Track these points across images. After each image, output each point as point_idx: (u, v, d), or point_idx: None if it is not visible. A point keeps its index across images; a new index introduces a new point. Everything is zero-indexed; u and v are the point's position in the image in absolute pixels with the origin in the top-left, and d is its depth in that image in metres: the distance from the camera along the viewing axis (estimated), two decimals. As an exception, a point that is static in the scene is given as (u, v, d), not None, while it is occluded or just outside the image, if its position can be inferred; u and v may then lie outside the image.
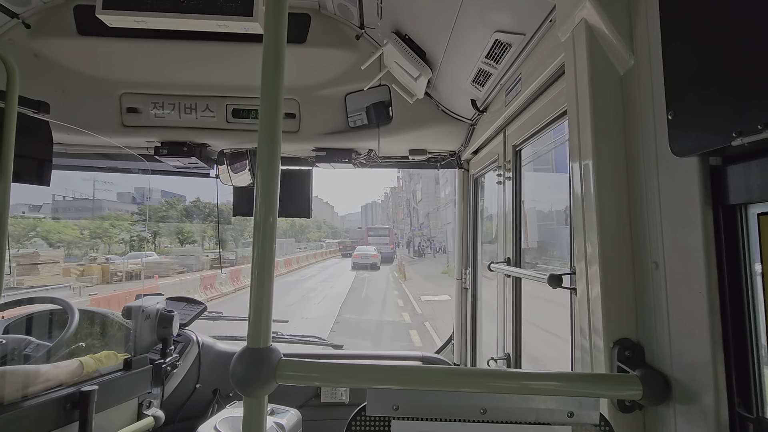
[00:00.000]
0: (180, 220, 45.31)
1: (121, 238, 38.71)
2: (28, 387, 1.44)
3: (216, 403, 2.28)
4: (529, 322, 1.80)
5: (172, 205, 46.53)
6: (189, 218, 46.25)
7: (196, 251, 32.08)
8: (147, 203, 49.13)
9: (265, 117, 0.72)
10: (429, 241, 49.41)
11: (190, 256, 30.14)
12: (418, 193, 56.68)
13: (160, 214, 44.85)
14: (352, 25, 2.12)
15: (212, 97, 2.24)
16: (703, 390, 0.67)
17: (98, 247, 36.71)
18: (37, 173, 1.66)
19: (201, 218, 46.15)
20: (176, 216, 45.60)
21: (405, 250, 51.66)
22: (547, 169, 3.06)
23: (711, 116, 0.60)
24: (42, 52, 2.08)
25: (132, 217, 44.89)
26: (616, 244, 0.86)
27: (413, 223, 59.89)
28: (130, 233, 38.89)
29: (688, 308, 0.71)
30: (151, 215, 44.12)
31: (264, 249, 0.70)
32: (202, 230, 46.26)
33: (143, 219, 42.95)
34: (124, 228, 39.23)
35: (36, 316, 2.01)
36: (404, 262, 33.82)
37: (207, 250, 41.65)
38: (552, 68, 1.20)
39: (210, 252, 37.20)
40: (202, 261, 29.31)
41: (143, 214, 45.14)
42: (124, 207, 54.54)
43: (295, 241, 64.94)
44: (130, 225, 40.71)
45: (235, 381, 0.68)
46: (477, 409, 0.73)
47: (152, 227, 43.22)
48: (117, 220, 42.12)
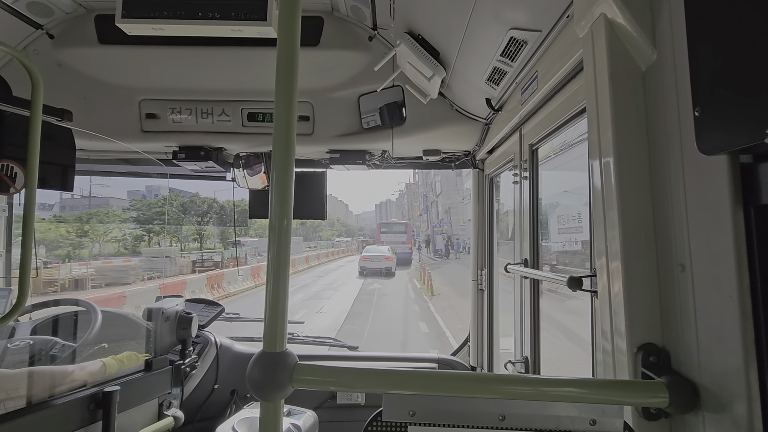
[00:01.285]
0: (176, 217, 42.01)
1: (113, 237, 35.81)
2: (54, 387, 1.49)
3: (234, 404, 2.31)
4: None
5: (169, 201, 42.44)
6: (186, 215, 43.06)
7: (170, 252, 26.24)
8: (150, 198, 46.23)
9: (280, 120, 0.72)
10: (449, 239, 42.51)
11: (164, 257, 24.73)
12: (438, 185, 50.37)
13: (155, 210, 40.64)
14: (364, 26, 2.12)
15: (228, 102, 2.28)
16: (734, 398, 0.64)
17: (83, 247, 34.08)
18: (61, 179, 1.71)
19: (198, 215, 42.69)
20: (173, 213, 41.57)
21: (423, 250, 45.04)
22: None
23: (741, 112, 0.57)
24: (65, 62, 2.15)
25: (124, 214, 41.48)
26: (639, 245, 0.83)
27: (432, 219, 52.87)
28: (122, 231, 35.96)
29: (718, 312, 0.68)
30: (144, 212, 40.84)
31: (279, 251, 0.70)
32: (191, 228, 42.70)
33: (138, 216, 39.06)
34: (115, 226, 36.21)
35: (61, 318, 2.07)
36: (425, 265, 27.46)
37: (189, 250, 36.37)
38: (569, 65, 1.18)
39: (191, 253, 32.87)
40: (179, 264, 24.96)
41: (138, 210, 41.16)
42: (123, 204, 52.15)
43: (304, 239, 62.49)
44: (120, 222, 37.67)
45: (252, 385, 0.69)
46: (495, 416, 0.71)
47: (138, 225, 39.90)
48: (107, 217, 38.91)
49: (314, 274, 26.74)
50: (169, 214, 40.97)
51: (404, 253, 34.35)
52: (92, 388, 1.57)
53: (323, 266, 32.69)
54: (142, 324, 2.04)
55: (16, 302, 1.38)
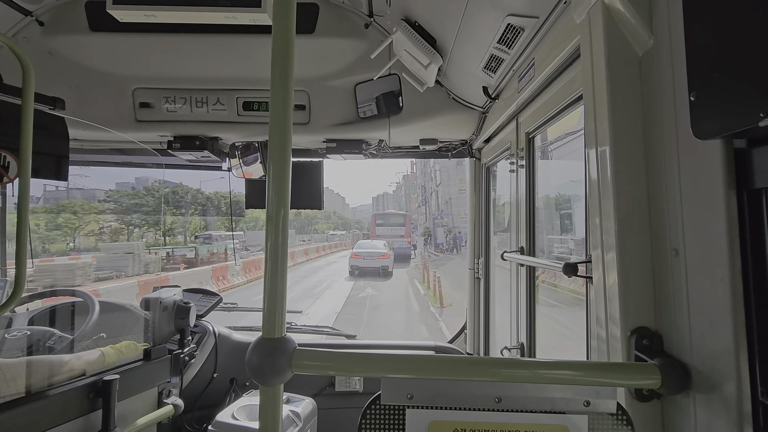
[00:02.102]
0: (157, 208, 38.03)
1: (90, 230, 32.31)
2: (53, 376, 1.49)
3: (233, 392, 2.33)
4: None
5: (150, 192, 38.21)
6: (168, 206, 39.26)
7: (133, 247, 21.72)
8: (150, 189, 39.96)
9: (276, 109, 0.72)
10: (449, 231, 39.36)
11: (126, 254, 20.33)
12: (438, 174, 46.48)
13: (134, 201, 37.05)
14: (360, 13, 2.10)
15: (223, 90, 2.25)
16: (724, 379, 0.66)
17: (53, 242, 30.72)
18: (55, 169, 1.70)
19: (182, 207, 39.54)
20: (153, 204, 37.43)
21: (423, 244, 39.05)
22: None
23: (737, 96, 0.58)
24: (56, 49, 2.11)
25: (101, 206, 37.08)
26: (634, 231, 0.84)
27: (431, 210, 48.96)
28: (99, 224, 32.64)
29: (710, 296, 0.69)
30: (121, 203, 37.24)
31: (277, 240, 0.70)
32: (176, 221, 39.30)
33: (116, 209, 35.37)
34: (90, 219, 32.74)
35: (59, 308, 2.07)
36: (428, 262, 22.93)
37: (157, 246, 31.34)
38: (567, 52, 1.17)
39: (159, 248, 28.42)
40: (143, 261, 20.89)
41: (117, 202, 37.17)
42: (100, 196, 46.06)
43: (296, 233, 58.89)
44: (96, 215, 34.07)
45: (251, 370, 0.69)
46: (492, 398, 0.73)
47: (116, 217, 35.84)
48: (81, 208, 34.86)
49: (297, 274, 22.08)
50: (149, 206, 37.49)
51: (403, 248, 30.34)
52: (91, 377, 1.58)
53: (311, 263, 27.87)
54: (139, 314, 2.04)
55: (12, 292, 1.38)
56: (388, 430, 0.75)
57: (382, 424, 0.75)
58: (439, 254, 33.94)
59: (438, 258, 31.06)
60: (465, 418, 0.73)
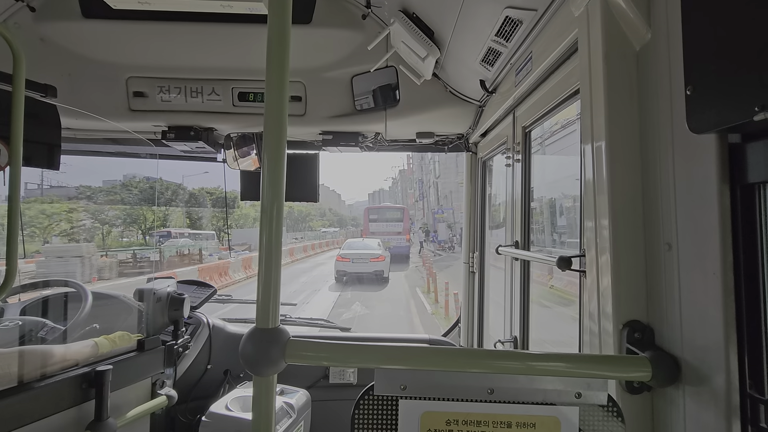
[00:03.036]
0: (136, 204, 34.42)
1: (62, 229, 28.22)
2: (45, 366, 1.49)
3: (227, 383, 2.34)
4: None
5: (127, 187, 34.47)
6: (147, 202, 35.04)
7: (81, 250, 17.22)
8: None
9: (271, 100, 0.71)
10: (451, 227, 34.70)
11: (72, 258, 16.59)
12: (437, 167, 42.83)
13: (110, 197, 32.89)
14: (358, 4, 2.08)
15: (218, 80, 2.23)
16: (714, 372, 0.67)
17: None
18: (47, 157, 1.68)
19: (161, 202, 35.57)
20: (132, 200, 33.56)
21: (422, 242, 34.12)
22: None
23: (732, 90, 0.58)
24: (47, 36, 2.07)
25: (73, 203, 32.76)
26: (628, 226, 0.84)
27: (431, 204, 44.35)
28: (71, 223, 28.80)
29: (701, 290, 0.69)
30: (95, 200, 32.74)
31: (272, 232, 0.70)
32: (140, 215, 34.16)
33: (88, 206, 31.73)
34: (60, 217, 28.71)
35: (51, 299, 2.06)
36: (431, 263, 19.15)
37: (108, 248, 26.44)
38: (564, 45, 1.17)
39: (119, 250, 24.04)
40: (95, 265, 17.48)
41: (90, 198, 32.50)
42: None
43: (287, 230, 54.92)
44: (67, 213, 29.92)
45: (245, 360, 0.69)
46: (484, 390, 0.73)
47: (89, 215, 31.62)
48: (50, 206, 30.13)
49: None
50: (126, 203, 34.14)
51: (400, 246, 26.21)
52: (84, 367, 1.58)
53: (295, 266, 23.89)
54: (133, 305, 2.03)
55: (3, 282, 1.37)
56: (381, 420, 0.75)
57: (376, 415, 0.75)
58: (441, 253, 29.20)
59: (441, 258, 26.41)
60: (457, 409, 0.74)
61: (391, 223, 28.03)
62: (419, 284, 16.65)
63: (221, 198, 37.45)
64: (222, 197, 39.04)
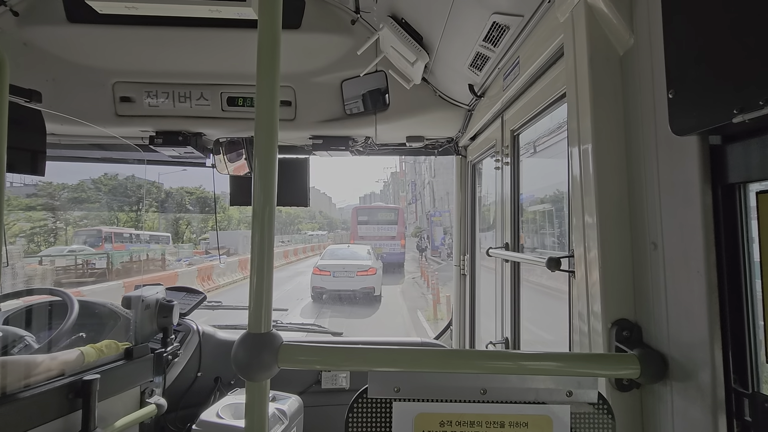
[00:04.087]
0: (107, 204, 31.14)
1: (17, 231, 24.67)
2: (29, 377, 1.45)
3: (218, 391, 2.30)
4: None
5: (97, 185, 30.37)
6: (117, 202, 31.89)
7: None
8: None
9: (261, 105, 0.71)
10: (447, 232, 28.47)
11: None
12: (433, 165, 36.72)
13: (75, 195, 29.26)
14: (347, 9, 2.09)
15: (207, 85, 2.21)
16: (699, 368, 0.68)
17: None
18: (31, 164, 1.64)
19: (129, 203, 32.09)
20: (102, 200, 30.61)
21: (426, 247, 28.11)
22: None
23: (712, 93, 0.60)
24: (31, 41, 2.04)
25: (31, 201, 28.49)
26: (615, 226, 0.86)
27: (426, 206, 39.84)
28: (32, 223, 25.85)
29: (686, 288, 0.71)
30: (58, 198, 29.02)
31: (263, 237, 0.70)
32: (107, 217, 30.97)
33: (46, 205, 28.04)
34: (18, 218, 25.16)
35: (35, 308, 2.01)
36: (431, 277, 13.91)
37: (35, 252, 21.97)
38: (551, 50, 1.19)
39: (56, 256, 19.32)
40: (23, 274, 14.05)
41: (52, 197, 28.58)
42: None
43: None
44: (27, 212, 26.59)
45: (237, 365, 0.69)
46: (477, 390, 0.74)
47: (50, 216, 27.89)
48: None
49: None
50: (91, 201, 30.66)
51: (394, 253, 22.47)
52: (71, 377, 1.54)
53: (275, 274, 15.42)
54: (121, 313, 2.00)
55: None
56: (375, 423, 0.75)
57: (369, 418, 0.75)
58: (441, 261, 24.62)
59: (440, 266, 21.70)
60: (451, 410, 0.74)
61: (384, 226, 23.84)
62: (420, 304, 12.82)
63: (201, 198, 35.40)
64: (203, 197, 37.44)
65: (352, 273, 13.93)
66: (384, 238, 23.21)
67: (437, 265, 21.12)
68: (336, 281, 13.81)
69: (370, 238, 22.67)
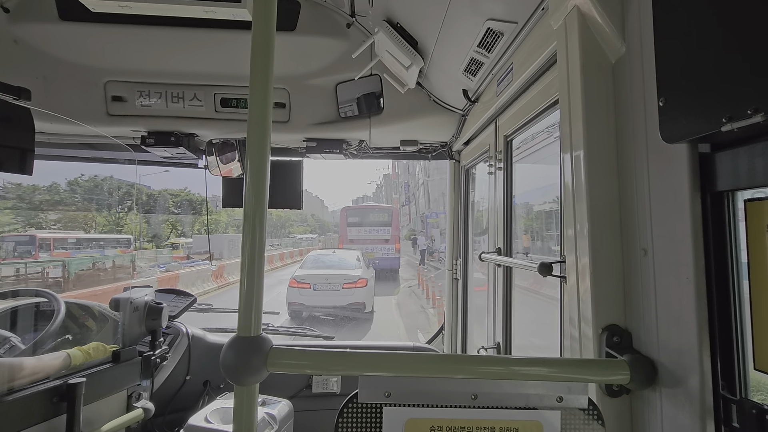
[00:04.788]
0: (82, 207, 29.46)
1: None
2: (13, 380, 1.42)
3: (206, 395, 2.27)
4: None
5: (73, 186, 29.04)
6: (92, 204, 30.33)
7: None
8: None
9: (255, 106, 0.71)
10: (443, 234, 22.36)
11: None
12: (428, 165, 30.49)
13: (47, 198, 27.60)
14: (342, 12, 2.09)
15: (200, 86, 2.20)
16: (688, 374, 0.69)
17: None
18: (19, 162, 1.62)
19: (107, 205, 30.07)
20: (74, 202, 28.96)
21: (427, 249, 24.86)
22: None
23: (701, 102, 0.61)
24: (22, 38, 2.02)
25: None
26: (606, 233, 0.87)
27: (420, 208, 37.73)
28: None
29: (676, 294, 0.72)
30: (28, 200, 26.96)
31: (254, 240, 0.70)
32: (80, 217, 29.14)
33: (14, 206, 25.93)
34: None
35: (21, 309, 1.97)
36: (429, 283, 13.08)
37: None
38: (544, 57, 1.20)
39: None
40: None
41: (20, 198, 26.68)
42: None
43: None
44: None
45: (225, 369, 0.68)
46: (468, 395, 0.74)
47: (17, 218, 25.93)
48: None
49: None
50: (66, 204, 28.89)
51: (388, 258, 20.28)
52: (56, 380, 1.51)
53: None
54: (108, 315, 1.97)
55: None
56: (366, 428, 0.74)
57: (359, 423, 0.74)
58: (439, 266, 20.13)
59: (439, 271, 17.30)
60: (442, 416, 0.74)
61: (376, 228, 21.42)
62: (420, 322, 10.69)
63: (186, 200, 34.35)
64: (187, 200, 36.13)
65: (338, 285, 11.30)
66: (377, 241, 21.05)
67: (436, 271, 17.93)
68: (318, 296, 11.41)
69: (361, 241, 20.81)
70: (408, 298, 14.23)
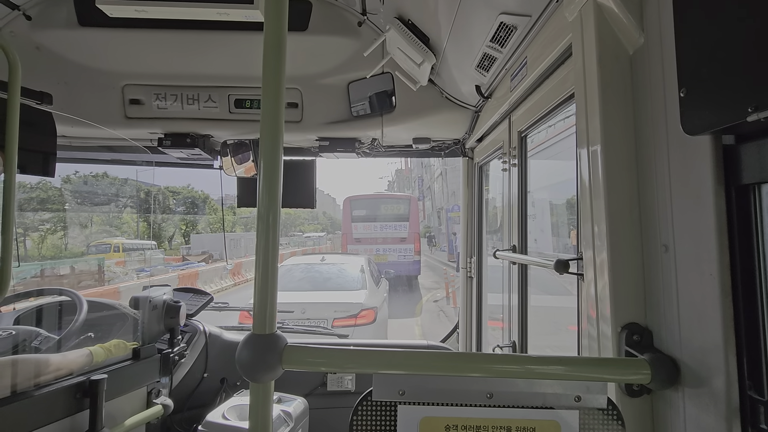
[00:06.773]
0: (75, 206, 28.15)
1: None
2: (39, 376, 1.47)
3: (224, 392, 2.31)
4: None
5: (65, 183, 26.93)
6: (85, 203, 28.81)
7: None
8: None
9: (267, 107, 0.71)
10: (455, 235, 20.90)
11: None
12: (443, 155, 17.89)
13: (33, 195, 25.48)
14: (353, 11, 2.09)
15: (214, 88, 2.23)
16: (713, 373, 0.67)
17: None
18: (42, 165, 1.67)
19: (100, 203, 28.95)
20: (62, 200, 27.02)
21: (429, 250, 21.54)
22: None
23: (726, 91, 0.58)
24: (43, 44, 2.08)
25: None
26: (625, 228, 0.85)
27: (435, 203, 35.30)
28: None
29: (699, 291, 0.69)
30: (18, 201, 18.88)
31: (268, 238, 0.70)
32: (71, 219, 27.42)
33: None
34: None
35: (45, 308, 2.03)
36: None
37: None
38: (559, 50, 1.18)
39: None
40: None
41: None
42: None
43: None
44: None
45: (241, 367, 0.69)
46: (483, 394, 0.73)
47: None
48: None
49: None
50: (53, 202, 27.40)
51: (404, 263, 15.62)
52: (79, 376, 1.56)
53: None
54: (129, 313, 2.01)
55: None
56: (380, 426, 0.74)
57: (374, 421, 0.74)
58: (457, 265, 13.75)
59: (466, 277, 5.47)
60: (457, 414, 0.73)
61: (390, 224, 16.31)
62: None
63: (188, 198, 34.03)
64: (188, 197, 35.98)
65: (326, 320, 6.08)
66: (390, 240, 16.08)
67: (456, 274, 12.94)
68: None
69: (370, 240, 16.03)
70: (434, 321, 9.84)
